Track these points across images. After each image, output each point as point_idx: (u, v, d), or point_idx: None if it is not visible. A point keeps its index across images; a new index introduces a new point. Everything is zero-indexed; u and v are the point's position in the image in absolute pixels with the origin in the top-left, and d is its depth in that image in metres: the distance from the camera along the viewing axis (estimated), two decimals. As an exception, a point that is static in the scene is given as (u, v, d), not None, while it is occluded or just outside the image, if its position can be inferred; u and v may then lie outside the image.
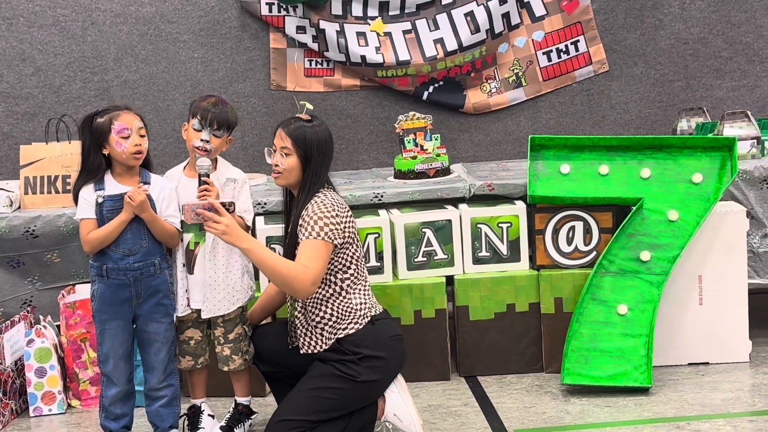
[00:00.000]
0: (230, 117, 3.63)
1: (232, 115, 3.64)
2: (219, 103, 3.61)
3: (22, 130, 5.33)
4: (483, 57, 5.47)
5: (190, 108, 3.65)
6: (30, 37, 5.33)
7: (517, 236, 4.33)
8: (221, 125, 3.59)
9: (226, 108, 3.63)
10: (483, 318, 4.32)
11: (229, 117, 3.62)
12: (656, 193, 4.23)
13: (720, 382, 4.09)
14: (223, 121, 3.59)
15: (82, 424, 4.11)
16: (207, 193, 3.49)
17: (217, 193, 3.53)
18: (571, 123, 5.57)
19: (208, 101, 3.61)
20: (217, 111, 3.59)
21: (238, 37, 5.43)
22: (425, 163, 4.63)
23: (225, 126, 3.60)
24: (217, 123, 3.58)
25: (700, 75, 5.54)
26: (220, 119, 3.58)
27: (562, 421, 3.80)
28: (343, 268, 3.52)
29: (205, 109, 3.58)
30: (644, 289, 4.14)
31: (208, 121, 3.57)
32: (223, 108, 3.61)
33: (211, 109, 3.58)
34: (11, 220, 4.35)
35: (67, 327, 4.24)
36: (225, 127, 3.61)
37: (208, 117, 3.57)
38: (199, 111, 3.59)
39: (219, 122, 3.58)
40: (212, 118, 3.57)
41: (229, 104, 3.66)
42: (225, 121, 3.60)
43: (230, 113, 3.63)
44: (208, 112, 3.57)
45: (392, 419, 3.60)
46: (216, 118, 3.58)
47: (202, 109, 3.59)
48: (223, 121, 3.59)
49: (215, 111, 3.58)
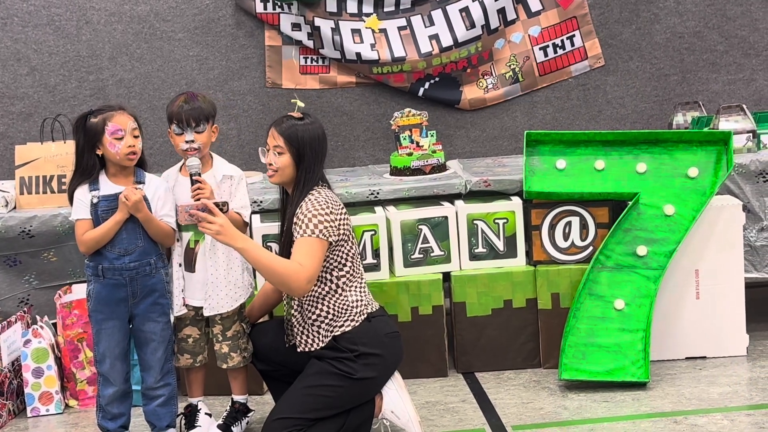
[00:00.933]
0: (205, 108, 3.60)
1: (206, 105, 3.61)
2: (189, 99, 3.59)
3: (18, 130, 5.33)
4: (479, 53, 5.46)
5: (166, 112, 3.63)
6: (24, 37, 5.32)
7: (513, 232, 4.33)
8: (199, 120, 3.57)
9: (198, 101, 3.59)
10: (480, 314, 4.32)
11: (203, 109, 3.59)
12: (652, 188, 4.22)
13: (717, 376, 4.09)
14: (199, 115, 3.57)
15: (79, 423, 4.11)
16: (200, 192, 3.49)
17: (210, 190, 3.53)
18: (567, 118, 5.57)
19: (178, 102, 3.59)
20: (189, 108, 3.56)
21: (233, 35, 5.42)
22: (421, 159, 4.62)
23: (203, 119, 3.58)
24: (194, 120, 3.56)
25: (696, 69, 5.53)
26: (195, 115, 3.56)
27: (559, 416, 3.80)
28: (338, 265, 3.52)
29: (178, 112, 3.57)
30: (641, 283, 4.14)
31: (185, 122, 3.56)
32: (195, 103, 3.58)
33: (183, 109, 3.56)
34: (7, 221, 4.35)
35: (64, 327, 4.24)
36: (204, 120, 3.58)
37: (183, 118, 3.56)
38: (173, 116, 3.58)
39: (195, 118, 3.56)
40: (187, 117, 3.55)
41: (200, 95, 3.63)
42: (201, 114, 3.57)
43: (204, 104, 3.60)
44: (182, 113, 3.56)
45: (390, 416, 3.60)
46: (191, 116, 3.56)
47: (175, 113, 3.57)
48: (200, 115, 3.57)
49: (188, 109, 3.56)
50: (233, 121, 5.43)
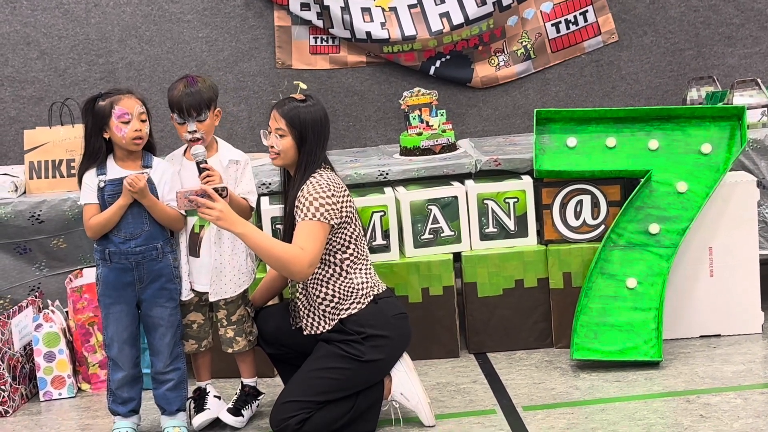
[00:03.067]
0: (206, 95, 3.52)
1: (207, 91, 3.53)
2: (189, 85, 3.50)
3: (29, 114, 5.33)
4: (491, 30, 5.40)
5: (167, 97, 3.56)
6: (34, 21, 5.31)
7: (524, 211, 4.29)
8: (200, 109, 3.51)
9: (198, 87, 3.51)
10: (491, 294, 4.29)
11: (204, 96, 3.51)
12: (665, 165, 4.17)
13: (731, 355, 4.05)
14: (200, 103, 3.50)
15: (92, 407, 4.12)
16: (210, 179, 3.45)
17: (219, 176, 3.50)
18: (580, 95, 5.51)
19: (178, 89, 3.51)
20: (190, 97, 3.49)
21: (243, 16, 5.39)
22: (431, 139, 4.59)
23: (205, 107, 3.52)
24: (195, 109, 3.50)
25: (711, 43, 5.45)
26: (196, 104, 3.49)
27: (571, 396, 3.78)
28: (341, 248, 3.50)
29: (179, 100, 3.49)
30: (653, 262, 4.10)
31: (187, 112, 3.50)
32: (195, 89, 3.50)
33: (183, 97, 3.49)
34: (16, 206, 4.36)
35: (75, 311, 4.25)
36: (205, 108, 3.52)
37: (184, 108, 3.50)
38: (174, 104, 3.51)
39: (197, 108, 3.50)
40: (189, 106, 3.49)
41: (200, 79, 3.55)
42: (201, 102, 3.50)
43: (204, 90, 3.52)
44: (183, 102, 3.49)
45: (399, 398, 3.58)
46: (193, 106, 3.49)
47: (176, 102, 3.50)
48: (201, 103, 3.50)
49: (188, 98, 3.48)
50: (243, 103, 5.41)
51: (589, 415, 3.59)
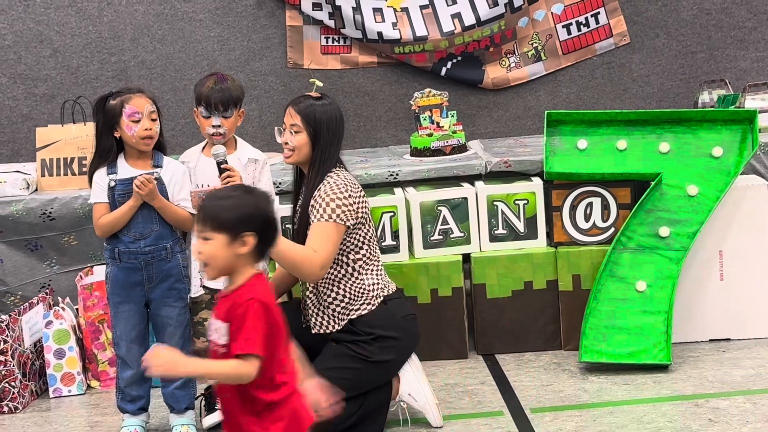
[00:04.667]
0: (234, 93, 3.58)
1: (236, 90, 3.59)
2: (219, 82, 3.56)
3: (41, 112, 5.35)
4: (502, 31, 5.40)
5: (195, 92, 3.61)
6: (47, 19, 5.33)
7: (534, 213, 4.29)
8: (227, 105, 3.56)
9: (228, 84, 3.57)
10: (500, 296, 4.29)
11: (233, 93, 3.57)
12: (675, 168, 4.16)
13: (741, 359, 4.04)
14: (229, 99, 3.56)
15: (101, 404, 4.13)
16: (230, 180, 3.46)
17: (239, 176, 3.51)
18: (591, 97, 5.50)
19: (208, 84, 3.57)
20: (219, 92, 3.55)
21: (254, 15, 5.40)
22: (441, 140, 4.59)
23: (232, 104, 3.57)
24: (223, 105, 3.55)
25: (724, 46, 5.44)
26: (224, 100, 3.55)
27: (579, 399, 3.78)
28: (354, 248, 3.50)
29: (208, 95, 3.54)
30: (663, 265, 4.09)
31: (214, 106, 3.54)
32: (225, 85, 3.56)
33: (213, 92, 3.54)
34: (28, 203, 4.38)
35: (85, 308, 4.26)
36: (233, 105, 3.57)
37: (212, 102, 3.54)
38: (202, 98, 3.55)
39: (224, 103, 3.55)
40: (216, 101, 3.54)
41: (229, 78, 3.61)
42: (230, 99, 3.56)
43: (233, 88, 3.58)
44: (211, 97, 3.54)
45: (407, 399, 3.59)
46: (220, 101, 3.54)
47: (205, 96, 3.55)
48: (229, 100, 3.56)
49: (218, 93, 3.54)
50: (255, 102, 5.42)
51: (597, 418, 3.58)
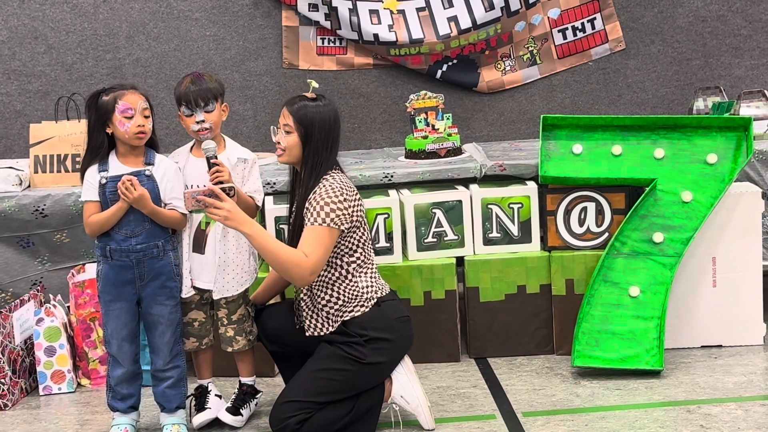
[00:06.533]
0: (213, 87, 3.58)
1: (214, 84, 3.59)
2: (195, 80, 3.57)
3: (35, 108, 5.33)
4: (498, 35, 5.40)
5: (174, 95, 3.61)
6: (42, 15, 5.31)
7: (528, 217, 4.29)
8: (207, 99, 3.56)
9: (204, 80, 3.58)
10: (493, 299, 4.28)
11: (211, 88, 3.57)
12: (670, 174, 4.17)
13: (733, 366, 4.05)
14: (207, 94, 3.56)
15: (91, 402, 4.12)
16: (219, 174, 3.46)
17: (228, 172, 3.50)
18: (586, 102, 5.51)
19: (185, 84, 3.57)
20: (196, 88, 3.55)
21: (250, 15, 5.39)
22: (436, 142, 4.58)
23: (211, 97, 3.57)
24: (202, 99, 3.55)
25: (719, 53, 5.45)
26: (203, 95, 3.55)
27: (571, 403, 3.77)
28: (349, 252, 3.49)
29: (185, 93, 3.55)
30: (657, 271, 4.09)
31: (194, 102, 3.54)
32: (201, 82, 3.57)
33: (190, 90, 3.55)
34: (20, 199, 4.36)
35: (77, 306, 4.24)
36: (212, 99, 3.57)
37: (191, 99, 3.54)
38: (182, 97, 3.56)
39: (203, 98, 3.55)
40: (195, 97, 3.54)
41: (206, 74, 3.62)
42: (208, 93, 3.56)
43: (211, 83, 3.59)
44: (189, 94, 3.54)
45: (399, 401, 3.58)
46: (199, 96, 3.54)
47: (183, 95, 3.56)
48: (207, 94, 3.56)
49: (195, 89, 3.55)
50: (249, 102, 5.41)
51: (589, 422, 3.58)
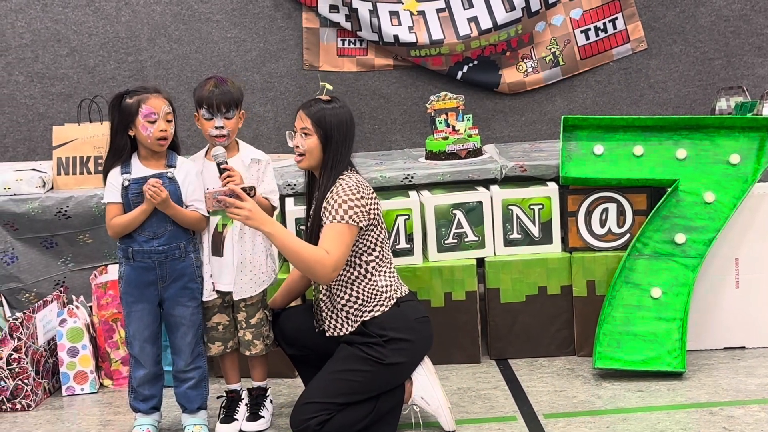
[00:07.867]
0: (235, 94, 3.59)
1: (236, 91, 3.60)
2: (219, 84, 3.57)
3: (58, 111, 5.37)
4: (519, 36, 5.39)
5: (194, 97, 3.61)
6: (65, 18, 5.35)
7: (549, 218, 4.27)
8: (229, 106, 3.56)
9: (228, 85, 3.58)
10: (514, 300, 4.27)
11: (233, 95, 3.58)
12: (692, 175, 4.14)
13: (756, 367, 4.02)
14: (230, 101, 3.56)
15: (113, 403, 4.14)
16: (231, 179, 3.47)
17: (240, 177, 3.51)
18: (608, 102, 5.49)
19: (208, 86, 3.56)
20: (220, 93, 3.54)
21: (271, 17, 5.41)
22: (456, 143, 4.58)
23: (233, 105, 3.57)
24: (225, 105, 3.55)
25: (742, 53, 5.42)
26: (226, 101, 3.55)
27: (592, 405, 3.76)
28: (367, 250, 3.50)
29: (209, 96, 3.54)
30: (679, 272, 4.07)
31: (216, 107, 3.54)
32: (225, 87, 3.56)
33: (214, 94, 3.54)
34: (44, 201, 4.39)
35: (99, 307, 4.27)
36: (234, 106, 3.58)
37: (213, 103, 3.54)
38: (203, 100, 3.56)
39: (226, 104, 3.55)
40: (218, 102, 3.54)
41: (229, 80, 3.62)
42: (231, 100, 3.56)
43: (233, 90, 3.59)
44: (213, 98, 3.54)
45: (419, 402, 3.58)
46: (222, 101, 3.54)
47: (206, 98, 3.55)
48: (230, 101, 3.56)
49: (219, 94, 3.54)
50: (270, 104, 5.43)
51: (611, 424, 3.57)
